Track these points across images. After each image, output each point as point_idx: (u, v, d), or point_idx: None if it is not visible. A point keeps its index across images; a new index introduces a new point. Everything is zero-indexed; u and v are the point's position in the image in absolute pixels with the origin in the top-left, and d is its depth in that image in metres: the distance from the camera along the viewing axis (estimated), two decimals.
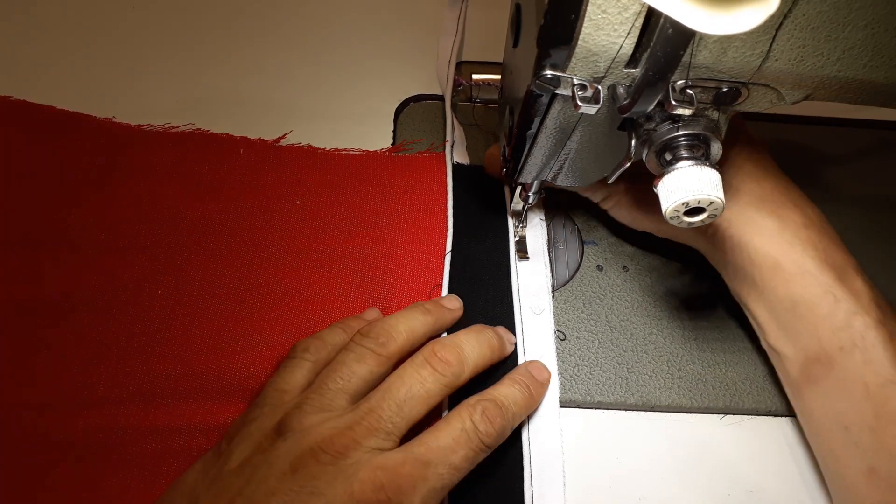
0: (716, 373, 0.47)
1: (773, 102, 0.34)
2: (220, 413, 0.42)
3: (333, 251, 0.49)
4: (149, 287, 0.47)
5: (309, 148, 0.55)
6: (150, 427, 0.42)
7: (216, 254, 0.49)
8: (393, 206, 0.52)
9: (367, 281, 0.48)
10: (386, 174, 0.54)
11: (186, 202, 0.51)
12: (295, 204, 0.51)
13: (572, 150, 0.39)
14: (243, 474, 0.34)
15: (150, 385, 0.43)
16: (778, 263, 0.40)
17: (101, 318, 0.45)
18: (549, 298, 0.48)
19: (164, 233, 0.49)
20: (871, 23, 0.29)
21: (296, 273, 0.48)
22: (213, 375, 0.44)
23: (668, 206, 0.32)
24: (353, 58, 0.63)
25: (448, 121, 0.56)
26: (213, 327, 0.46)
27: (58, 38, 0.61)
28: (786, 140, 0.60)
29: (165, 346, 0.45)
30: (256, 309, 0.47)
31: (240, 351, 0.45)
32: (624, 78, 0.31)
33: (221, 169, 0.53)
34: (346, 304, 0.47)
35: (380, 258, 0.49)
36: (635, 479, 0.43)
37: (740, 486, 0.43)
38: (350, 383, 0.37)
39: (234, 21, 0.64)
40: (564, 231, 0.53)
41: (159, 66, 0.60)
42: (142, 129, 0.54)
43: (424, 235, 0.50)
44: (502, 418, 0.37)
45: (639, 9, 0.28)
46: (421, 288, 0.48)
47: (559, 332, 0.48)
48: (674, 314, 0.49)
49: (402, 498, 0.32)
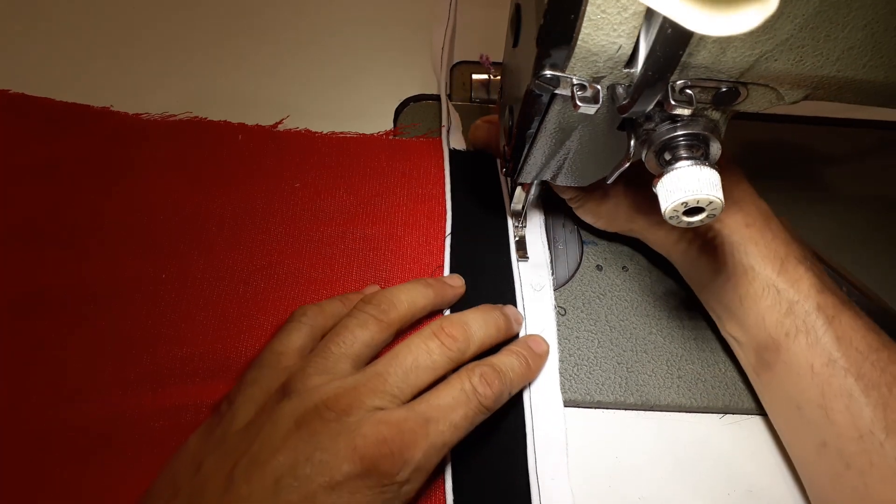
0: (715, 372, 0.47)
1: (772, 102, 0.34)
2: (227, 390, 0.43)
3: (334, 233, 0.50)
4: (152, 272, 0.47)
5: (307, 132, 0.55)
6: (158, 407, 0.42)
7: (218, 238, 0.49)
8: (392, 189, 0.53)
9: (368, 261, 0.49)
10: (384, 158, 0.54)
11: (187, 188, 0.51)
12: (294, 187, 0.52)
13: (572, 150, 0.39)
14: (248, 434, 0.34)
15: (157, 368, 0.44)
16: (719, 267, 0.43)
17: (104, 306, 0.46)
18: (548, 275, 0.49)
19: (165, 219, 0.49)
20: (871, 23, 0.29)
21: (298, 255, 0.49)
22: (219, 356, 0.44)
23: (668, 206, 0.32)
24: (353, 58, 0.63)
25: (444, 107, 0.57)
26: (218, 310, 0.46)
27: (56, 34, 0.61)
28: (786, 140, 0.60)
29: (171, 329, 0.45)
30: (260, 290, 0.47)
31: (245, 331, 0.45)
32: (623, 78, 0.31)
33: (220, 155, 0.53)
34: (349, 283, 0.48)
35: (380, 240, 0.50)
36: (635, 479, 0.43)
37: (740, 486, 0.43)
38: (352, 348, 0.38)
39: (234, 22, 0.65)
40: (564, 231, 0.53)
41: (159, 66, 0.60)
42: (139, 118, 0.54)
43: (424, 218, 0.51)
44: (500, 382, 0.38)
45: (638, 9, 0.28)
46: (422, 269, 0.49)
47: (560, 308, 0.48)
48: (673, 314, 0.49)
49: (404, 451, 0.33)
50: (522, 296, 0.47)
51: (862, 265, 0.52)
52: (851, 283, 0.50)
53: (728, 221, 0.43)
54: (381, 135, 0.56)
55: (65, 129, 0.53)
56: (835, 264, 0.51)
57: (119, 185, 0.51)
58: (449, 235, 0.50)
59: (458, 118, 0.58)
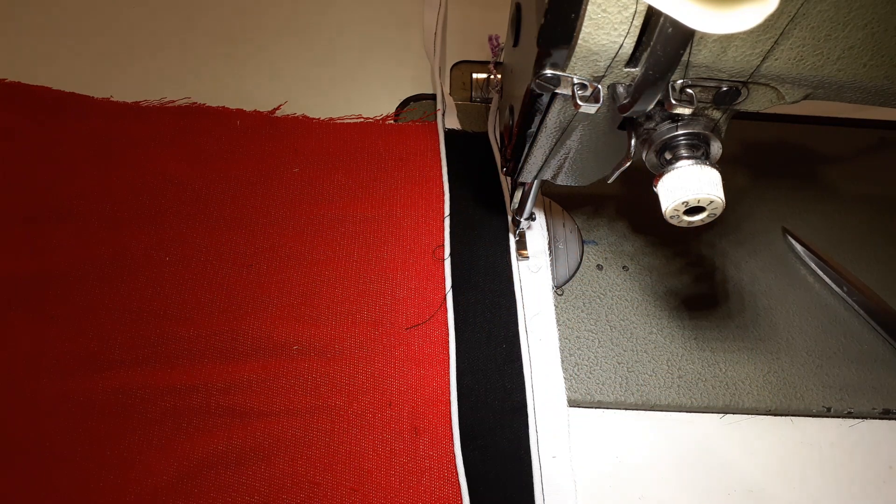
0: (716, 372, 0.47)
1: (772, 102, 0.34)
2: (235, 372, 0.44)
3: (334, 215, 0.51)
4: (156, 255, 0.48)
5: (304, 118, 0.56)
6: (167, 386, 0.43)
7: (220, 221, 0.50)
8: (390, 171, 0.53)
9: (369, 242, 0.50)
10: (381, 142, 0.55)
11: (188, 172, 0.52)
12: (294, 171, 0.53)
13: (572, 150, 0.39)
14: None
15: (165, 347, 0.44)
16: None
17: (111, 286, 0.46)
18: (546, 258, 0.49)
19: (167, 203, 0.50)
20: (871, 22, 0.29)
21: (299, 237, 0.50)
22: (225, 336, 0.45)
23: (668, 206, 0.32)
24: (353, 58, 0.63)
25: (438, 91, 0.57)
26: (223, 291, 0.47)
27: (56, 31, 0.61)
28: (786, 140, 0.60)
29: (177, 309, 0.46)
30: (264, 272, 0.48)
31: (251, 312, 0.46)
32: (624, 77, 0.31)
33: (220, 139, 0.54)
34: (350, 264, 0.49)
35: (380, 220, 0.50)
36: (635, 478, 0.43)
37: (740, 485, 0.43)
38: None
39: (234, 23, 0.64)
40: (564, 231, 0.53)
41: (159, 67, 0.60)
42: (139, 105, 0.55)
43: (422, 199, 0.52)
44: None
45: (639, 8, 0.28)
46: (423, 248, 0.49)
47: (557, 290, 0.49)
48: (674, 314, 0.49)
49: None
50: (520, 276, 0.48)
51: (862, 265, 0.52)
52: (851, 283, 0.50)
53: None
54: (378, 119, 0.57)
55: (64, 116, 0.53)
56: (835, 264, 0.51)
57: (119, 169, 0.51)
58: (448, 217, 0.50)
59: (452, 101, 0.58)
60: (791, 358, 0.48)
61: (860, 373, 0.48)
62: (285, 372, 0.44)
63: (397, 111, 0.58)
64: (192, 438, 0.42)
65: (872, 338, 0.49)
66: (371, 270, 0.48)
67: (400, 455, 0.42)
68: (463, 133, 0.56)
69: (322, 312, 0.47)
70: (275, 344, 0.45)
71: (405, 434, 0.43)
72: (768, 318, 0.50)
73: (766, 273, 0.52)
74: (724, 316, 0.49)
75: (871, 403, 0.47)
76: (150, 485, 0.40)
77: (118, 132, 0.53)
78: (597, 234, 0.53)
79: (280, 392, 0.44)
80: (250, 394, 0.43)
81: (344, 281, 0.48)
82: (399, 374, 0.45)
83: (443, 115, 0.56)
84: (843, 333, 0.50)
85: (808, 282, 0.52)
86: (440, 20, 0.61)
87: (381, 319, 0.47)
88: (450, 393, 0.44)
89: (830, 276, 0.51)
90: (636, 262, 0.52)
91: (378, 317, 0.47)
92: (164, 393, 0.43)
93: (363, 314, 0.47)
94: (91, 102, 0.55)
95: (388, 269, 0.48)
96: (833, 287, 0.51)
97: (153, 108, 0.55)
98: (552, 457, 0.42)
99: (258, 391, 0.44)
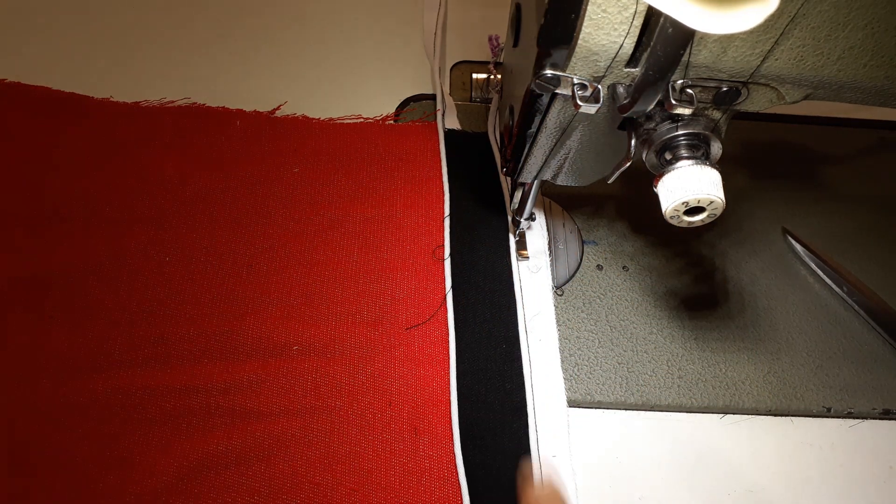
0: (716, 372, 0.47)
1: (773, 102, 0.34)
2: (236, 372, 0.44)
3: (335, 216, 0.51)
4: (156, 255, 0.48)
5: (304, 118, 0.56)
6: (167, 386, 0.43)
7: (220, 222, 0.50)
8: (390, 172, 0.53)
9: (369, 242, 0.50)
10: (381, 142, 0.55)
11: (187, 173, 0.52)
12: (294, 172, 0.53)
13: (572, 150, 0.39)
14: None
15: (165, 347, 0.44)
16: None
17: (110, 287, 0.46)
18: (546, 259, 0.49)
19: (167, 203, 0.50)
20: (871, 23, 0.29)
21: (300, 238, 0.50)
22: (225, 337, 0.45)
23: (668, 206, 0.32)
24: (354, 59, 0.63)
25: (438, 91, 0.57)
26: (223, 291, 0.47)
27: (55, 31, 0.61)
28: (786, 140, 0.60)
29: (177, 310, 0.46)
30: (264, 272, 0.48)
31: (251, 312, 0.46)
32: (624, 77, 0.31)
33: (220, 140, 0.54)
34: (351, 264, 0.49)
35: (381, 221, 0.51)
36: (635, 479, 0.43)
37: (740, 485, 0.43)
38: None
39: (234, 23, 0.64)
40: (564, 231, 0.53)
41: (159, 67, 0.60)
42: (138, 106, 0.55)
43: (422, 199, 0.52)
44: None
45: (639, 8, 0.27)
46: (423, 248, 0.49)
47: (557, 290, 0.49)
48: (674, 314, 0.49)
49: None
50: (520, 277, 0.48)
51: (862, 265, 0.52)
52: (851, 283, 0.50)
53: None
54: (378, 120, 0.57)
55: (64, 116, 0.53)
56: (835, 264, 0.51)
57: (119, 170, 0.51)
58: (448, 217, 0.50)
59: (451, 100, 0.58)
60: (791, 358, 0.48)
61: (860, 373, 0.48)
62: (285, 372, 0.44)
63: (397, 111, 0.58)
64: (193, 439, 0.42)
65: (872, 338, 0.49)
66: (371, 271, 0.49)
67: (400, 455, 0.42)
68: (463, 133, 0.56)
69: (322, 312, 0.47)
70: (275, 344, 0.45)
71: (405, 434, 0.43)
72: (768, 318, 0.50)
73: (766, 273, 0.52)
74: (725, 316, 0.49)
75: (872, 403, 0.47)
76: (150, 485, 0.40)
77: (118, 132, 0.53)
78: (597, 234, 0.53)
79: (280, 392, 0.44)
80: (250, 394, 0.43)
81: (344, 281, 0.48)
82: (399, 374, 0.45)
83: (443, 115, 0.56)
84: (843, 333, 0.50)
85: (808, 282, 0.52)
86: (440, 20, 0.61)
87: (381, 319, 0.47)
88: (450, 393, 0.44)
89: (830, 276, 0.51)
90: (636, 263, 0.52)
91: (378, 317, 0.47)
92: (165, 393, 0.43)
93: (363, 314, 0.47)
94: (91, 102, 0.55)
95: (387, 269, 0.48)
96: (833, 287, 0.51)
97: (153, 109, 0.55)
98: (552, 457, 0.42)
99: (258, 391, 0.44)
